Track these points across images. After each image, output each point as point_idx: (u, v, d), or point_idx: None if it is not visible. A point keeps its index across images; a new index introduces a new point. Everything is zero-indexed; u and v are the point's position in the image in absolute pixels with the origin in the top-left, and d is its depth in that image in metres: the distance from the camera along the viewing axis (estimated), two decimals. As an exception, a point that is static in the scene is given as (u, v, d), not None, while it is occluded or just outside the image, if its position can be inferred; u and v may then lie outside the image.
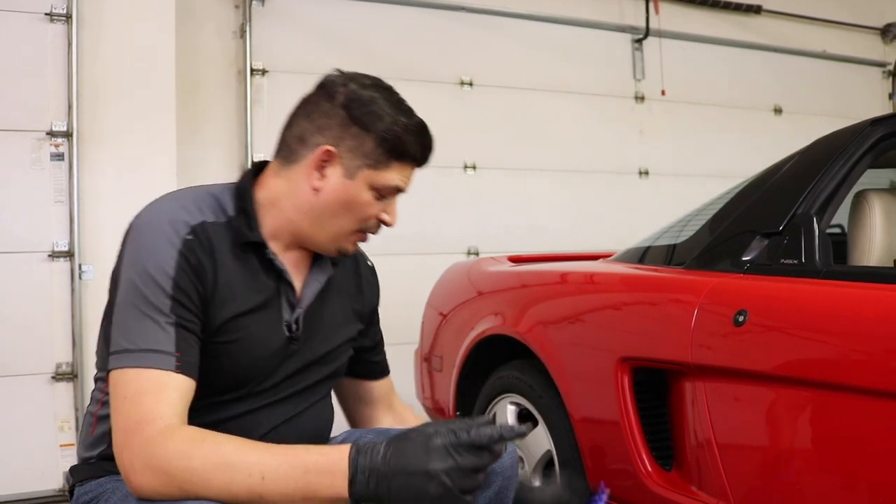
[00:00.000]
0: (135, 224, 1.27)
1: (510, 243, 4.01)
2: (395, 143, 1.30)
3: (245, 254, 1.30)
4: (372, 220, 1.34)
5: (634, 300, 2.02)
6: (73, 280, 3.23)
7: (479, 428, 1.11)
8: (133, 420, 1.13)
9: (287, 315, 1.34)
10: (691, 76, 4.81)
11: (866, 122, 1.79)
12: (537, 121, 4.41)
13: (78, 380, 3.23)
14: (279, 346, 1.33)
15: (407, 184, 1.35)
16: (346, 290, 1.48)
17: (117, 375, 1.17)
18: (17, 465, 3.14)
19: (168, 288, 1.19)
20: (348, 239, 1.35)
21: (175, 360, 1.17)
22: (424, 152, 1.36)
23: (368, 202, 1.32)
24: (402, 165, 1.33)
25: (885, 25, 5.42)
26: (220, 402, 1.28)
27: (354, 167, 1.30)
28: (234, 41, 3.84)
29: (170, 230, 1.23)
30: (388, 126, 1.30)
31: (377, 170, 1.30)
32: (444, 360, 2.64)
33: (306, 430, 1.38)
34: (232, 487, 1.09)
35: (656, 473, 1.80)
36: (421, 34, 4.19)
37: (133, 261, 1.22)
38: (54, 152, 3.23)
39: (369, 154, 1.30)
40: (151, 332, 1.18)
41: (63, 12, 3.23)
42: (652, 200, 4.59)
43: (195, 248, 1.23)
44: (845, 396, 1.42)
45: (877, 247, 1.77)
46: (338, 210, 1.31)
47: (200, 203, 1.29)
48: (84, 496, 1.30)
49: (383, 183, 1.31)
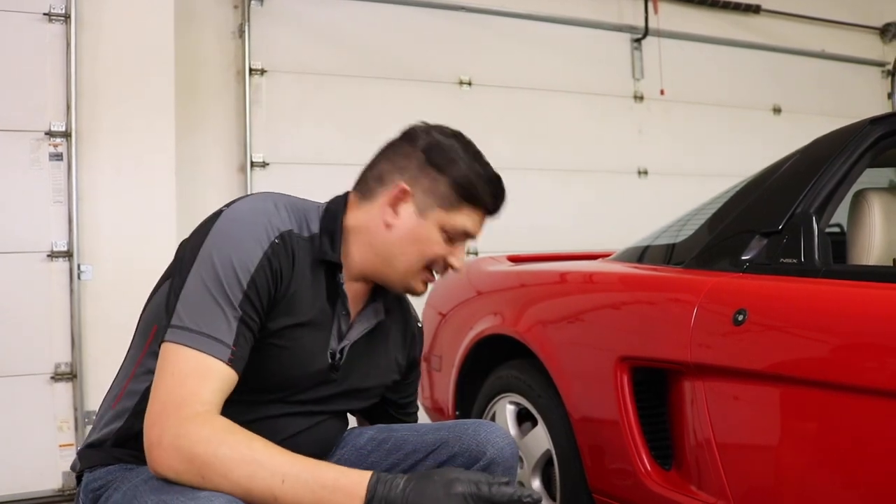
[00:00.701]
0: (228, 212, 1.30)
1: (509, 243, 4.00)
2: (468, 187, 1.37)
3: (317, 272, 1.35)
4: (439, 261, 1.40)
5: (634, 300, 2.02)
6: (72, 280, 3.23)
7: (501, 486, 1.14)
8: (174, 396, 1.15)
9: (334, 343, 1.39)
10: (690, 76, 4.82)
11: (865, 122, 1.79)
12: (536, 121, 4.41)
13: (77, 380, 3.23)
14: (321, 367, 1.38)
15: (477, 231, 1.41)
16: (392, 340, 1.54)
17: (171, 349, 1.19)
18: (16, 465, 3.13)
19: (245, 283, 1.23)
20: (416, 277, 1.40)
21: (230, 353, 1.20)
22: (496, 201, 1.41)
23: (437, 242, 1.38)
24: (473, 211, 1.39)
25: (884, 25, 5.42)
26: (252, 401, 1.31)
27: (427, 206, 1.37)
28: (232, 41, 3.83)
29: (261, 229, 1.27)
30: (463, 171, 1.37)
31: (448, 211, 1.37)
32: (444, 360, 2.64)
33: (322, 440, 1.45)
34: (252, 483, 1.11)
35: (655, 473, 1.80)
36: (420, 34, 4.19)
37: (218, 245, 1.25)
38: (53, 152, 3.22)
39: (443, 196, 1.37)
40: (217, 319, 1.20)
41: (62, 12, 3.23)
42: (651, 200, 4.60)
43: (279, 253, 1.28)
44: (845, 396, 1.42)
45: (876, 246, 1.77)
46: (407, 247, 1.37)
47: (292, 213, 1.34)
48: (94, 482, 1.30)
49: (452, 224, 1.38)
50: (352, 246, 1.38)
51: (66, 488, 3.19)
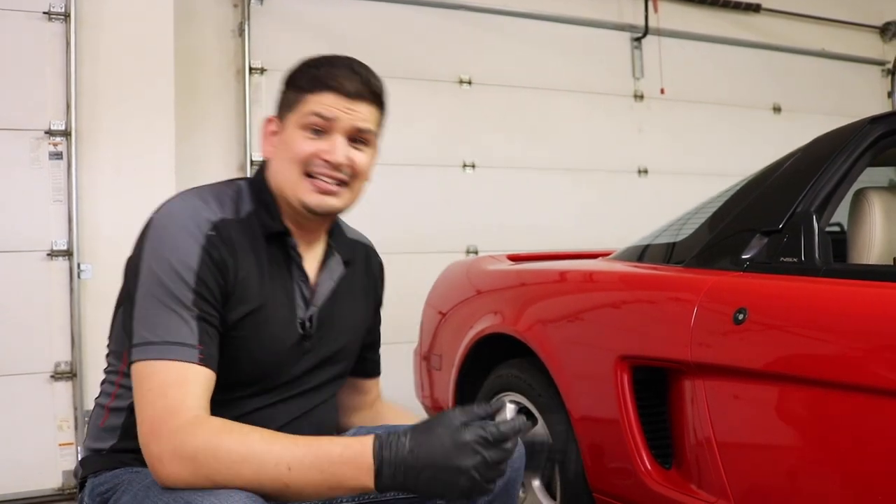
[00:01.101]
0: (156, 218, 1.29)
1: (509, 242, 4.01)
2: (299, 77, 1.35)
3: (267, 246, 1.34)
4: (314, 160, 1.33)
5: (634, 298, 2.02)
6: (72, 279, 3.23)
7: (503, 424, 1.14)
8: (160, 411, 1.14)
9: (301, 312, 1.37)
10: (690, 75, 4.81)
11: (866, 121, 1.79)
12: (536, 119, 4.41)
13: (77, 379, 3.22)
14: (293, 342, 1.36)
15: (334, 111, 1.32)
16: (359, 288, 1.51)
17: (141, 367, 1.19)
18: (16, 464, 3.13)
19: (191, 282, 1.22)
20: (300, 185, 1.33)
21: (198, 353, 1.19)
22: (337, 78, 1.33)
23: (300, 140, 1.32)
24: (315, 95, 1.32)
25: (884, 24, 5.42)
26: (236, 397, 1.30)
27: (284, 119, 1.36)
28: (232, 40, 3.83)
29: (192, 225, 1.26)
30: (294, 69, 1.37)
31: (296, 110, 1.33)
32: (444, 359, 2.64)
33: (319, 425, 1.41)
34: (260, 477, 1.11)
35: (656, 472, 1.80)
36: (420, 33, 4.19)
37: (156, 254, 1.24)
38: (53, 151, 3.22)
39: (290, 101, 1.35)
40: (175, 324, 1.20)
41: (61, 11, 3.22)
42: (651, 199, 4.59)
43: (217, 244, 1.26)
44: (845, 394, 1.42)
45: (876, 245, 1.77)
46: (283, 163, 1.34)
47: (220, 200, 1.33)
48: (99, 487, 1.30)
49: (304, 117, 1.32)
50: (279, 201, 1.37)
51: (66, 487, 3.18)
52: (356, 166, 1.35)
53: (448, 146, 4.21)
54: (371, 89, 1.35)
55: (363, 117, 1.34)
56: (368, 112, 1.35)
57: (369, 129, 1.35)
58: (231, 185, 1.39)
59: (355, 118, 1.33)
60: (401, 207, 3.95)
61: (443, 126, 4.20)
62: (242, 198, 1.36)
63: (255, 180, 1.39)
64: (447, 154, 4.21)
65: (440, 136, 4.19)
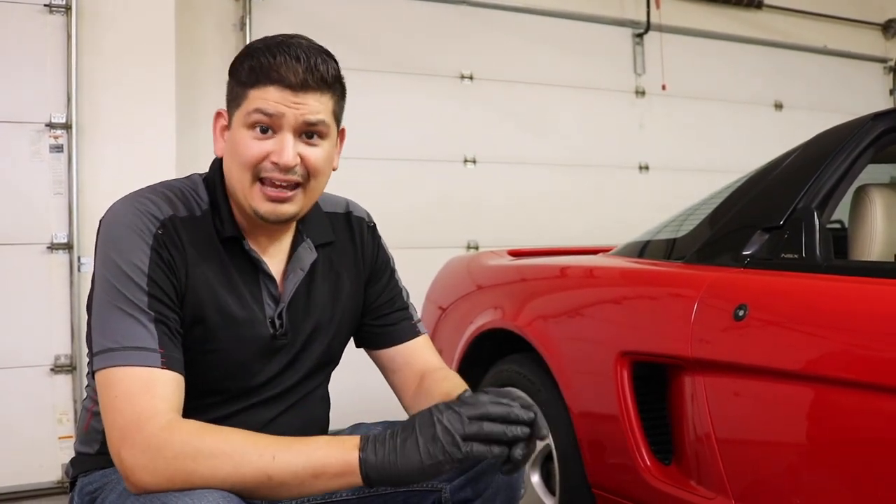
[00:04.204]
0: (103, 222, 1.24)
1: (510, 237, 4.01)
2: (242, 70, 1.22)
3: (225, 249, 1.27)
4: (260, 162, 1.21)
5: (634, 294, 2.02)
6: (72, 272, 3.23)
7: (487, 422, 1.08)
8: (129, 419, 1.10)
9: (270, 311, 1.30)
10: (692, 71, 4.81)
11: (867, 117, 1.79)
12: (537, 115, 4.41)
13: (77, 372, 3.23)
14: (263, 345, 1.29)
15: (279, 108, 1.19)
16: (341, 263, 1.41)
17: (105, 376, 1.14)
18: (15, 457, 3.14)
19: (143, 284, 1.17)
20: (251, 192, 1.23)
21: (160, 357, 1.14)
22: (278, 68, 1.18)
23: (246, 141, 1.21)
24: (258, 89, 1.20)
25: (886, 21, 5.41)
26: (209, 403, 1.26)
27: (231, 115, 1.25)
28: (233, 34, 3.82)
29: (140, 225, 1.20)
30: (237, 58, 1.24)
31: (241, 105, 1.22)
32: (444, 354, 2.63)
33: (295, 425, 1.33)
34: (242, 470, 1.07)
35: (655, 468, 1.80)
36: (421, 28, 4.18)
37: (105, 259, 1.19)
38: (53, 144, 3.22)
39: (234, 95, 1.24)
40: (132, 329, 1.15)
41: (62, 4, 3.22)
42: (652, 195, 4.59)
43: (166, 243, 1.20)
44: (845, 391, 1.42)
45: (877, 242, 1.77)
46: (233, 165, 1.24)
47: (171, 197, 1.26)
48: (88, 486, 1.29)
49: (248, 114, 1.20)
50: (233, 202, 1.28)
51: (65, 480, 3.18)
52: (310, 165, 1.23)
53: (449, 141, 4.21)
54: (318, 76, 1.20)
55: (312, 109, 1.21)
56: (318, 102, 1.21)
57: (321, 120, 1.22)
58: (188, 181, 1.32)
59: (303, 111, 1.20)
60: (401, 202, 3.94)
61: (444, 121, 4.20)
62: (200, 195, 1.29)
63: (210, 178, 1.32)
64: (448, 149, 4.21)
65: (441, 131, 4.19)
